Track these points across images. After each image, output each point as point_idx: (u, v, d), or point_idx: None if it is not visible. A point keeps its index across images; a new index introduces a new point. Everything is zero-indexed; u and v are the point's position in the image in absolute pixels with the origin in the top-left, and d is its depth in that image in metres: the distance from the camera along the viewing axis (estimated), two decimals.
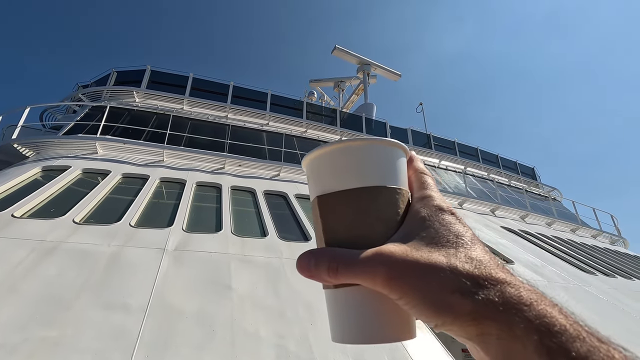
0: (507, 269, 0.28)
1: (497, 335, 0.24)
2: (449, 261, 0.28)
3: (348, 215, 0.33)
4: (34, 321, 2.62)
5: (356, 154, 0.34)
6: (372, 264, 0.29)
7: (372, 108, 16.70)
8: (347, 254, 0.30)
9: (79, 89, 11.25)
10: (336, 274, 0.30)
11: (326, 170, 0.35)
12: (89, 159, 6.73)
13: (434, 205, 0.33)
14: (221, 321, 2.97)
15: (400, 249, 0.29)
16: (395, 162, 0.36)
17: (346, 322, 0.32)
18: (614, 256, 10.11)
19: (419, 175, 0.37)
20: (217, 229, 4.78)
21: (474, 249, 0.29)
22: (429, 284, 0.27)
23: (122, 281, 3.26)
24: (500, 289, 0.26)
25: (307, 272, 0.32)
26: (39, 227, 3.95)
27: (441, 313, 0.26)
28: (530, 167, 18.11)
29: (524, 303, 0.24)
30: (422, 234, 0.30)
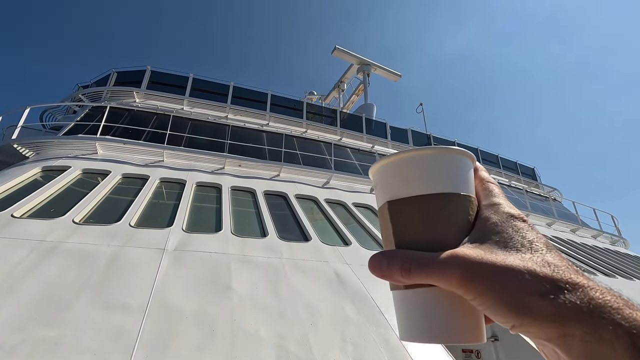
0: (586, 275, 0.28)
1: (581, 337, 0.24)
2: (525, 265, 0.28)
3: (419, 220, 0.34)
4: (34, 321, 2.61)
5: (427, 161, 0.36)
6: (447, 265, 0.29)
7: (372, 108, 16.70)
8: (420, 255, 0.31)
9: (79, 90, 11.25)
10: (409, 274, 0.31)
11: (396, 177, 0.36)
12: (89, 159, 6.73)
13: (504, 212, 0.34)
14: (221, 321, 2.96)
15: (475, 251, 0.30)
16: (464, 171, 0.37)
17: (417, 322, 0.32)
18: (614, 256, 10.10)
19: (486, 184, 0.38)
20: (217, 229, 4.78)
21: (549, 254, 0.29)
22: (506, 285, 0.27)
23: (122, 281, 3.26)
24: (583, 292, 0.26)
25: (379, 272, 0.32)
26: (38, 227, 3.95)
27: (519, 314, 0.26)
28: (531, 168, 18.11)
29: (611, 306, 0.25)
30: (495, 238, 0.31)
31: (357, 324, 3.31)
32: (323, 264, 4.38)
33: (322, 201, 7.09)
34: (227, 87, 11.98)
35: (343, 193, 8.05)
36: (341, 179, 8.93)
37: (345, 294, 3.79)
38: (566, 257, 0.30)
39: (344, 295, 3.78)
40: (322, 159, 10.46)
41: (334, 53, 18.10)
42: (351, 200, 7.56)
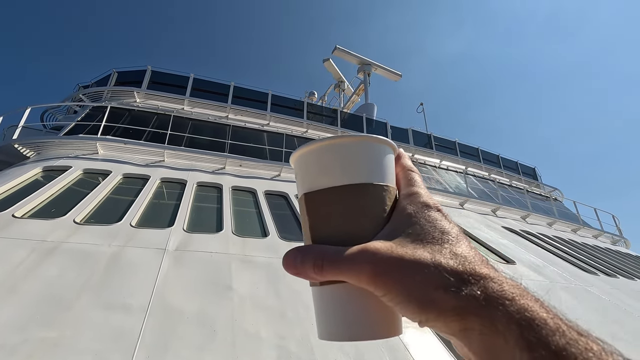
0: (491, 265, 0.28)
1: (480, 330, 0.24)
2: (433, 257, 0.28)
3: (335, 213, 0.33)
4: (34, 322, 2.61)
5: (343, 150, 0.34)
6: (357, 261, 0.29)
7: (373, 108, 16.69)
8: (333, 250, 0.30)
9: (80, 90, 11.25)
10: (322, 270, 0.30)
11: (313, 167, 0.35)
12: (90, 159, 6.72)
13: (420, 202, 0.33)
14: (222, 322, 2.96)
15: (386, 245, 0.29)
16: (382, 159, 0.35)
17: (332, 320, 0.32)
18: (615, 256, 10.08)
19: (407, 172, 0.37)
20: (217, 229, 4.77)
21: (459, 245, 0.29)
22: (413, 280, 0.27)
23: (122, 281, 3.26)
24: (483, 284, 0.26)
25: (293, 269, 0.32)
26: (39, 227, 3.95)
27: (425, 309, 0.26)
28: (532, 167, 18.08)
29: (506, 297, 0.25)
30: (408, 230, 0.31)
31: None
32: None
33: None
34: (227, 87, 11.98)
35: None
36: None
37: None
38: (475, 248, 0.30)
39: None
40: None
41: (335, 53, 18.09)
42: None
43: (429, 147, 14.66)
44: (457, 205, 9.99)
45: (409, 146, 14.12)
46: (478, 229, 7.84)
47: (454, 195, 10.59)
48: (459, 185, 12.53)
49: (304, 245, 0.33)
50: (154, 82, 11.12)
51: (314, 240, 0.34)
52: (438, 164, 14.07)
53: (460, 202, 10.23)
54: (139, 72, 11.21)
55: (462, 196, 10.49)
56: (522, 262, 6.17)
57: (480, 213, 9.91)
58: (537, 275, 5.76)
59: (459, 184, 12.55)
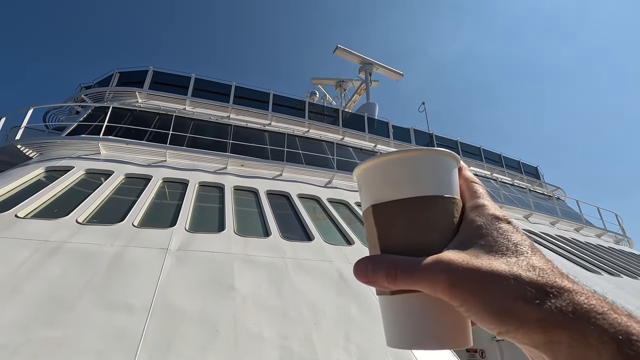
0: (571, 278, 0.28)
1: (568, 343, 0.24)
2: (510, 269, 0.27)
3: (404, 224, 0.33)
4: (37, 321, 2.61)
5: (411, 164, 0.35)
6: (432, 271, 0.29)
7: (374, 108, 16.66)
8: (406, 260, 0.31)
9: (82, 90, 11.29)
10: (395, 279, 0.30)
11: (380, 180, 0.36)
12: (92, 160, 6.74)
13: (489, 214, 0.33)
14: (224, 322, 2.95)
15: (460, 256, 0.29)
16: (448, 172, 0.36)
17: (403, 328, 0.32)
18: (619, 255, 10.04)
19: (470, 184, 0.37)
20: (220, 229, 4.77)
21: (535, 257, 0.29)
22: (492, 291, 0.27)
23: (125, 281, 3.26)
24: (569, 297, 0.25)
25: (365, 278, 0.32)
26: (42, 227, 3.96)
27: (505, 320, 0.26)
28: (534, 167, 18.02)
29: (597, 311, 0.24)
30: (480, 242, 0.30)
31: (361, 324, 3.30)
32: (326, 264, 4.37)
33: (325, 201, 7.08)
34: (229, 87, 11.99)
35: (346, 192, 8.04)
36: (344, 178, 8.91)
37: (348, 294, 3.78)
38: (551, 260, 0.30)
39: (347, 294, 3.77)
40: (324, 158, 10.44)
41: (336, 52, 18.07)
42: (354, 199, 7.53)
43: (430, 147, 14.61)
44: None
45: (410, 146, 14.09)
46: None
47: None
48: None
49: (375, 255, 0.33)
50: (155, 83, 11.14)
51: (383, 249, 0.34)
52: None
53: None
54: (140, 73, 11.23)
55: None
56: None
57: None
58: None
59: None
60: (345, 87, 21.37)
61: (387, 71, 19.47)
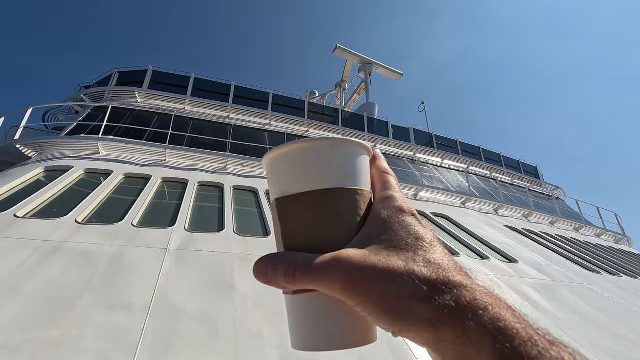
0: (465, 272, 0.28)
1: (453, 341, 0.24)
2: (406, 265, 0.27)
3: (307, 219, 0.32)
4: (36, 322, 2.61)
5: (313, 154, 0.34)
6: (329, 270, 0.28)
7: (374, 107, 16.67)
8: (305, 258, 0.30)
9: (81, 90, 11.28)
10: (293, 279, 0.29)
11: (284, 171, 0.34)
12: (92, 159, 6.73)
13: (394, 207, 0.32)
14: (224, 321, 2.95)
15: (359, 253, 0.29)
16: (355, 162, 0.35)
17: (304, 330, 0.31)
18: (618, 255, 10.04)
19: (382, 174, 0.37)
20: (219, 229, 4.77)
21: (432, 251, 0.29)
22: (386, 290, 0.26)
23: (124, 281, 3.25)
24: (456, 293, 0.25)
25: (265, 278, 0.31)
26: (41, 227, 3.95)
27: (398, 320, 0.26)
28: (533, 166, 18.03)
29: (479, 307, 0.24)
30: (382, 236, 0.30)
31: None
32: None
33: None
34: (228, 86, 11.98)
35: None
36: None
37: None
38: (450, 253, 0.30)
39: None
40: None
41: (336, 52, 18.07)
42: None
43: (430, 146, 14.64)
44: (459, 204, 9.96)
45: (411, 145, 14.10)
46: (480, 228, 7.81)
47: (456, 194, 10.56)
48: (460, 184, 12.49)
49: (276, 253, 0.32)
50: (155, 82, 11.14)
51: (286, 247, 0.33)
52: (440, 163, 14.03)
53: (462, 201, 10.21)
54: (140, 72, 11.23)
55: (464, 195, 10.46)
56: (525, 261, 6.15)
57: (483, 212, 9.88)
58: (540, 274, 5.73)
59: (461, 183, 12.52)
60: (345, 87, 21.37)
61: (387, 71, 19.47)
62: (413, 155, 13.51)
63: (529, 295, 4.72)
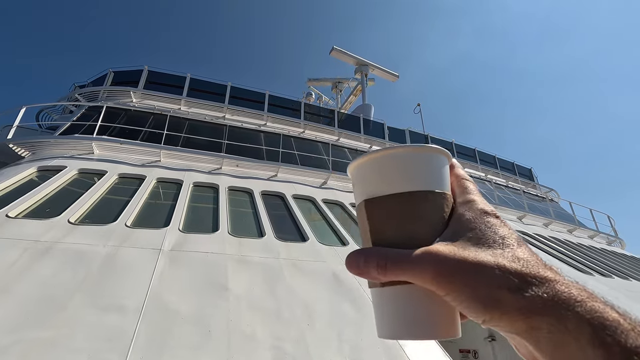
0: (554, 269, 0.29)
1: (548, 329, 0.25)
2: (496, 260, 0.29)
3: (395, 218, 0.34)
4: (28, 322, 2.59)
5: (403, 160, 0.36)
6: (420, 262, 0.30)
7: (370, 109, 16.71)
8: (396, 252, 0.32)
9: (76, 89, 11.20)
10: (385, 271, 0.31)
11: (374, 175, 0.37)
12: (85, 159, 6.69)
13: (478, 209, 0.34)
14: (217, 322, 2.94)
15: (448, 248, 0.30)
16: (439, 168, 0.37)
17: (393, 319, 0.33)
18: (610, 257, 10.14)
19: (461, 181, 0.39)
20: (213, 230, 4.76)
21: (520, 249, 0.30)
22: (477, 280, 0.28)
23: (117, 282, 3.24)
24: (550, 286, 0.27)
25: (357, 269, 0.33)
26: (33, 227, 3.92)
27: (489, 308, 0.27)
28: (528, 168, 18.16)
29: (575, 299, 0.26)
30: (468, 234, 0.32)
31: (355, 324, 3.30)
32: (320, 264, 4.37)
33: (320, 201, 7.08)
34: (224, 87, 11.96)
35: (340, 193, 8.05)
36: (339, 179, 8.92)
37: (342, 294, 3.78)
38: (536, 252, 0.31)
39: (341, 295, 3.77)
40: (319, 159, 10.45)
41: (332, 53, 18.10)
42: (348, 200, 7.55)
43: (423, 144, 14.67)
44: None
45: None
46: None
47: None
48: None
49: (367, 247, 0.34)
50: (150, 82, 11.08)
51: (375, 243, 0.35)
52: None
53: None
54: (135, 72, 11.17)
55: None
56: None
57: None
58: None
59: None
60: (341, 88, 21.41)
61: (383, 72, 19.54)
62: None
63: None
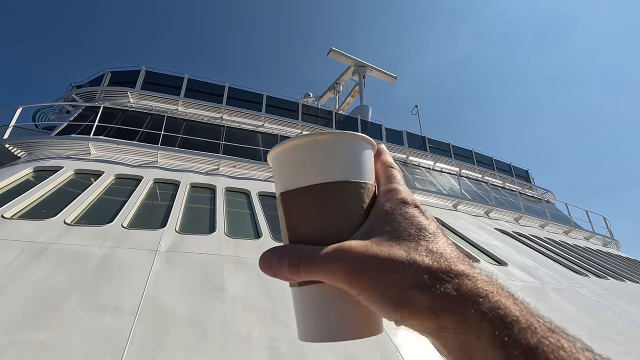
0: (467, 261, 0.28)
1: (454, 329, 0.24)
2: (408, 255, 0.27)
3: (311, 212, 0.33)
4: (23, 323, 2.58)
5: (318, 148, 0.34)
6: (332, 260, 0.28)
7: (368, 110, 16.74)
8: (309, 250, 0.30)
9: (73, 89, 11.17)
10: (298, 270, 0.29)
11: (289, 166, 0.35)
12: (82, 160, 6.67)
13: (397, 199, 0.33)
14: (213, 323, 2.94)
15: (361, 244, 0.29)
16: (359, 156, 0.35)
17: (311, 320, 0.31)
18: (606, 258, 10.19)
19: (386, 168, 0.37)
20: (210, 231, 4.75)
21: (435, 241, 0.29)
22: (388, 278, 0.27)
23: (113, 283, 3.23)
24: (457, 282, 0.26)
25: (270, 270, 0.31)
26: (29, 228, 3.91)
27: (400, 308, 0.26)
28: (525, 170, 18.24)
29: (480, 295, 0.24)
30: (384, 228, 0.30)
31: None
32: None
33: None
34: (222, 87, 11.96)
35: None
36: None
37: None
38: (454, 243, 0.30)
39: None
40: None
41: (330, 55, 18.13)
42: None
43: (423, 149, 14.75)
44: (451, 207, 10.05)
45: (403, 148, 14.19)
46: (471, 231, 7.88)
47: (448, 197, 10.64)
48: (452, 187, 12.60)
49: (280, 246, 0.33)
50: (148, 83, 11.07)
51: (291, 240, 0.33)
52: (432, 165, 14.14)
53: (454, 203, 10.29)
54: (133, 73, 11.15)
55: (455, 198, 10.55)
56: (514, 264, 6.22)
57: (474, 215, 9.97)
58: (529, 276, 5.80)
59: (453, 186, 12.63)
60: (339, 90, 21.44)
61: (381, 74, 19.59)
62: (406, 158, 13.59)
63: None
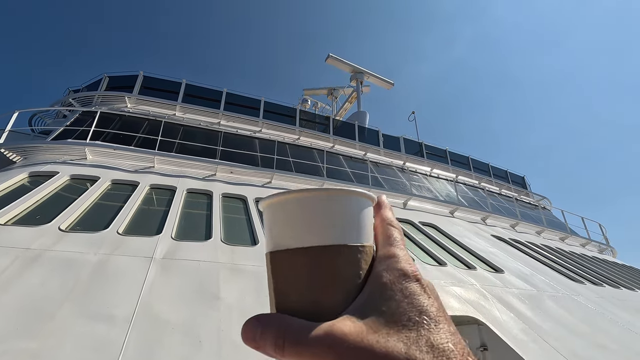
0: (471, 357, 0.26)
1: None
2: (407, 350, 0.25)
3: (301, 277, 0.29)
4: (14, 332, 2.55)
5: (313, 206, 0.31)
6: (321, 346, 0.25)
7: (365, 116, 16.84)
8: (296, 328, 0.27)
9: (70, 94, 11.16)
10: (282, 351, 0.26)
11: (280, 222, 0.31)
12: (78, 165, 6.64)
13: (397, 269, 0.30)
14: (208, 332, 2.92)
15: (356, 329, 0.26)
16: (358, 216, 0.32)
17: None
18: (602, 265, 10.23)
19: (386, 226, 0.34)
20: (206, 237, 4.73)
21: (437, 331, 0.26)
22: None
23: (107, 291, 3.20)
24: None
25: (252, 343, 0.28)
26: (23, 234, 3.87)
27: None
28: (521, 176, 18.35)
29: None
30: (382, 307, 0.28)
31: None
32: None
33: None
34: (220, 93, 11.98)
35: None
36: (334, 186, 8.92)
37: None
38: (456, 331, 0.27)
39: None
40: (314, 166, 10.47)
41: (328, 61, 18.24)
42: None
43: (420, 155, 14.81)
44: (447, 214, 10.07)
45: (400, 154, 14.25)
46: (467, 237, 7.90)
47: (445, 204, 10.67)
48: (449, 193, 12.64)
49: (266, 314, 0.30)
50: (145, 88, 11.07)
51: (278, 307, 0.30)
52: (429, 172, 14.19)
53: (451, 210, 10.32)
54: (130, 77, 11.16)
55: (452, 204, 10.58)
56: (510, 271, 6.23)
57: (470, 221, 9.99)
58: (525, 283, 5.81)
59: (450, 192, 12.67)
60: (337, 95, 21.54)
61: (378, 80, 19.72)
62: (403, 164, 13.64)
63: (514, 305, 4.77)
